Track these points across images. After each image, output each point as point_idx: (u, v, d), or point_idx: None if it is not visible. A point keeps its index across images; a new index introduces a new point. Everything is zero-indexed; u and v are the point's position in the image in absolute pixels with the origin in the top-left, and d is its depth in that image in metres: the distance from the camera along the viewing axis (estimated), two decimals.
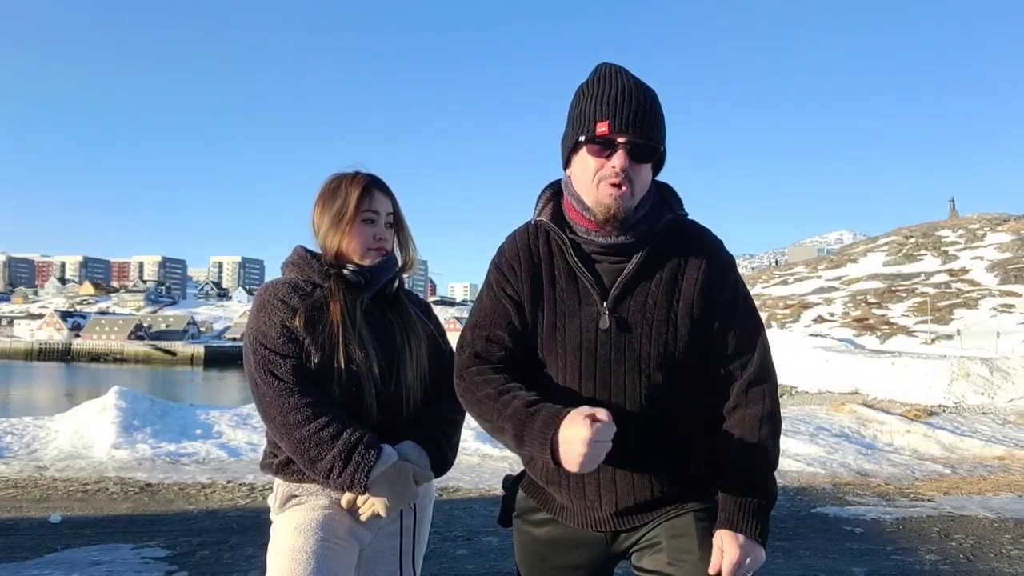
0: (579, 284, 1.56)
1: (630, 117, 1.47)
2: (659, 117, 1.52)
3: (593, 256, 1.57)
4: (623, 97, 1.48)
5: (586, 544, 1.64)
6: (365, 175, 1.88)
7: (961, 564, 4.54)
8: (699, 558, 1.52)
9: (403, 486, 1.73)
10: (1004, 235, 73.18)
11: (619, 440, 1.45)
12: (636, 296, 1.54)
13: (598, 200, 1.51)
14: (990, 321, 44.49)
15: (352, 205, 1.83)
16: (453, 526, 5.14)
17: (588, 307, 1.55)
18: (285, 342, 1.75)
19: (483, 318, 1.64)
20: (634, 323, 1.53)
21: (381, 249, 1.87)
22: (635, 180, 1.51)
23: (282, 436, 1.71)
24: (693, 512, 1.57)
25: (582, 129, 1.52)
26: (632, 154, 1.49)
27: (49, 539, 4.59)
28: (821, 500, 6.46)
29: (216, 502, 5.74)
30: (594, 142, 1.50)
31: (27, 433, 7.70)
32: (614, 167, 1.49)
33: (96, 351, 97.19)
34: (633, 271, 1.54)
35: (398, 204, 1.93)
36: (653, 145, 1.51)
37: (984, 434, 10.80)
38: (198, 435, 8.09)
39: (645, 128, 1.48)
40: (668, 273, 1.55)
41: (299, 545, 1.68)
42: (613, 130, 1.47)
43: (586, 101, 1.52)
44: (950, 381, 19.17)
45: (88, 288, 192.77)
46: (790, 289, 71.66)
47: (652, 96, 1.52)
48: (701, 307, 1.54)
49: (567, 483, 1.58)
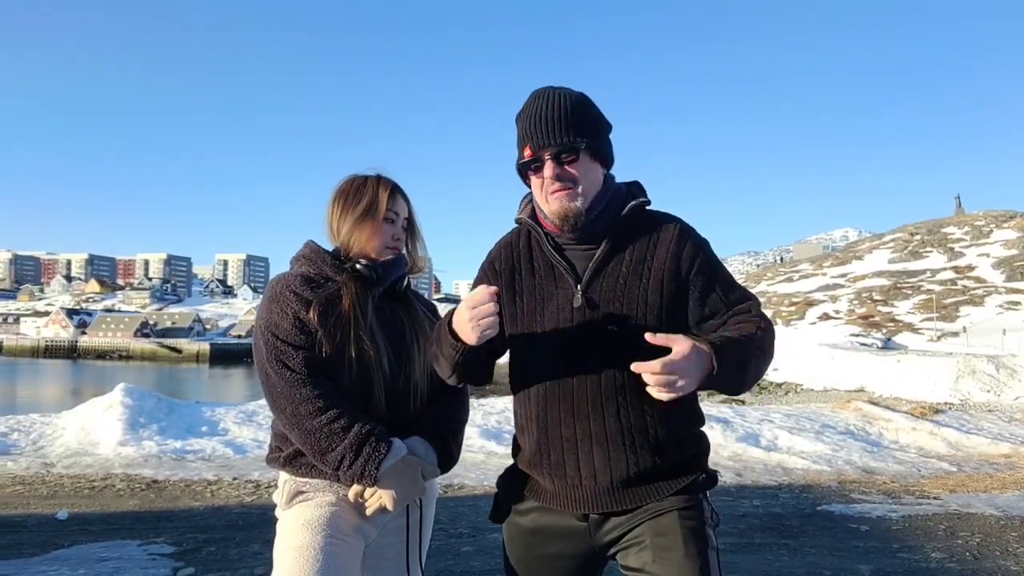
0: (555, 271, 1.69)
1: (545, 130, 1.62)
2: (581, 118, 1.64)
3: (565, 247, 1.70)
4: (537, 118, 1.63)
5: (569, 535, 1.67)
6: (390, 179, 1.94)
7: (967, 562, 4.53)
8: (683, 555, 1.55)
9: (411, 480, 1.75)
10: (1010, 232, 72.88)
11: (595, 415, 1.60)
12: (607, 276, 1.65)
13: (550, 208, 1.65)
14: (996, 318, 44.35)
15: (384, 203, 1.87)
16: (458, 523, 5.15)
17: (563, 290, 1.67)
18: (297, 333, 1.76)
19: None
20: (605, 301, 1.63)
21: (396, 248, 1.92)
22: (575, 180, 1.64)
23: (292, 427, 1.72)
24: (677, 511, 1.61)
25: (518, 158, 1.68)
26: (558, 160, 1.62)
27: (56, 535, 4.62)
28: (827, 498, 6.45)
29: (222, 499, 5.76)
30: (527, 166, 1.67)
31: (34, 430, 7.75)
32: (547, 177, 1.63)
33: (102, 348, 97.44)
34: (602, 254, 1.66)
35: (413, 209, 1.98)
36: (574, 144, 1.62)
37: (990, 431, 10.77)
38: (204, 432, 8.12)
39: (559, 134, 1.61)
40: (638, 254, 1.66)
41: (306, 541, 1.69)
42: (535, 149, 1.63)
43: (518, 131, 1.69)
44: (956, 378, 19.12)
45: (94, 286, 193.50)
46: (795, 286, 71.52)
47: (574, 102, 1.65)
48: (672, 280, 1.63)
49: (548, 462, 1.65)
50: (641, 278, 1.63)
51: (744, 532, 5.14)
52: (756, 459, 8.21)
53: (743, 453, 8.47)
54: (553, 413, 1.64)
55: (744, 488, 6.80)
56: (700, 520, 1.62)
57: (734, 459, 8.18)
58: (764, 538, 5.01)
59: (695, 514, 1.62)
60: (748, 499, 6.28)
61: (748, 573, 4.19)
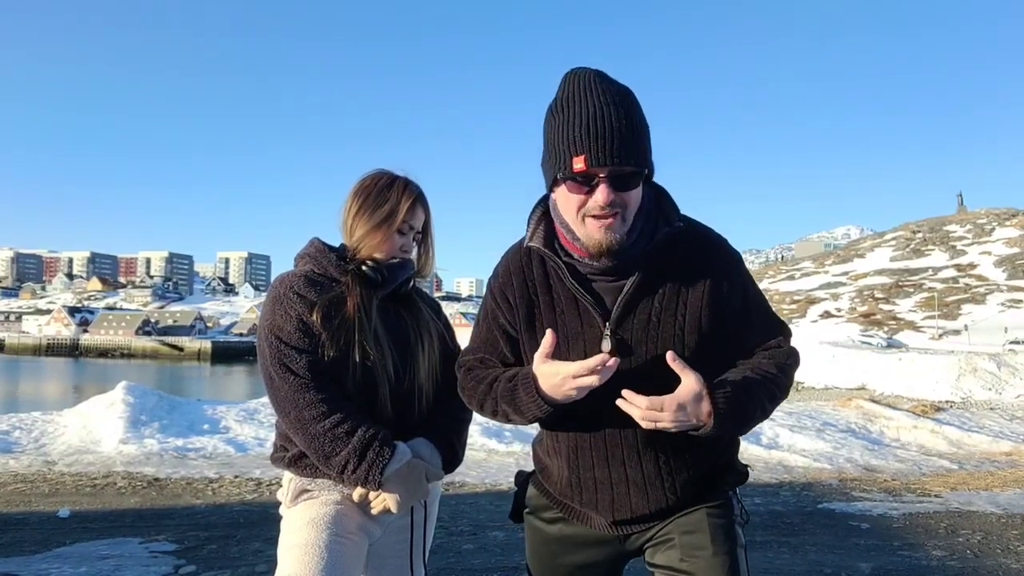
0: (579, 306, 1.51)
1: (607, 147, 1.36)
2: (639, 135, 1.40)
3: (590, 277, 1.51)
4: (596, 125, 1.36)
5: (598, 543, 1.63)
6: (415, 186, 1.89)
7: (968, 560, 4.53)
8: (712, 553, 1.51)
9: (415, 483, 1.74)
10: (1012, 230, 72.77)
11: (631, 462, 1.51)
12: (639, 315, 1.48)
13: (588, 235, 1.43)
14: (998, 316, 44.29)
15: (402, 215, 1.83)
16: (459, 521, 5.15)
17: (591, 329, 1.50)
18: (301, 336, 1.74)
19: (478, 344, 1.68)
20: (637, 342, 1.47)
21: (404, 257, 1.89)
22: (626, 207, 1.42)
23: (296, 431, 1.72)
24: (706, 509, 1.56)
25: (559, 165, 1.41)
26: (615, 185, 1.39)
27: (58, 533, 4.63)
28: (827, 496, 6.45)
29: (223, 497, 5.77)
30: (573, 179, 1.40)
31: (35, 428, 7.75)
32: (599, 202, 1.39)
33: (104, 346, 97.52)
34: (632, 289, 1.47)
35: (431, 217, 1.94)
36: (638, 171, 1.41)
37: (991, 430, 10.77)
38: (205, 430, 8.12)
39: (625, 155, 1.37)
40: (670, 288, 1.49)
41: (311, 539, 1.69)
42: (591, 164, 1.36)
43: (558, 129, 1.41)
44: (957, 376, 19.12)
45: (95, 284, 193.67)
46: (796, 284, 71.45)
47: (628, 110, 1.40)
48: (710, 319, 1.49)
49: (580, 498, 1.58)
50: (676, 315, 1.48)
51: (745, 530, 5.14)
52: (757, 457, 8.20)
53: (744, 451, 8.35)
54: (585, 457, 1.55)
55: (745, 486, 6.76)
56: (729, 518, 1.58)
57: None
58: (765, 536, 5.01)
59: (725, 512, 1.58)
60: (749, 497, 6.28)
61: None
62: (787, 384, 1.52)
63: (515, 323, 1.57)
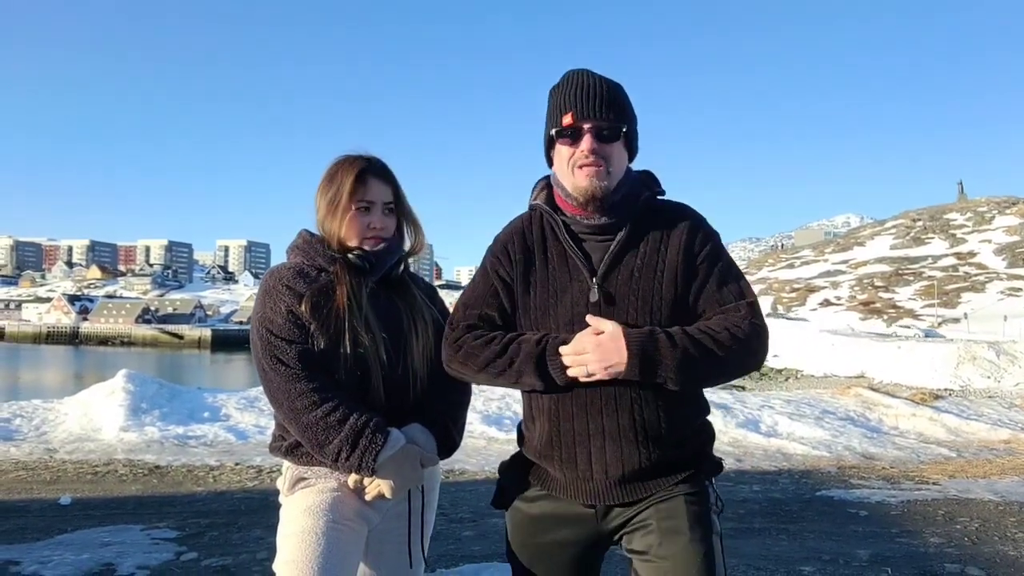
0: (570, 262, 1.67)
1: (591, 104, 1.63)
2: (621, 102, 1.67)
3: (582, 236, 1.69)
4: (583, 90, 1.64)
5: (576, 520, 1.68)
6: (361, 160, 1.85)
7: (966, 547, 4.55)
8: (689, 539, 1.58)
9: (410, 469, 1.75)
10: (1012, 218, 72.65)
11: (608, 411, 1.60)
12: (622, 270, 1.65)
13: (576, 184, 1.64)
14: (997, 305, 44.32)
15: (345, 194, 1.81)
16: (459, 508, 5.17)
17: (578, 283, 1.66)
18: (291, 328, 1.75)
19: (475, 299, 1.75)
20: (621, 295, 1.63)
21: (377, 238, 1.85)
22: (608, 160, 1.64)
23: (290, 421, 1.73)
24: (684, 495, 1.63)
25: (552, 124, 1.68)
26: (598, 136, 1.63)
27: (59, 520, 4.65)
28: (826, 483, 6.48)
29: (224, 484, 5.79)
30: (563, 134, 1.65)
31: (36, 416, 7.77)
32: (583, 150, 1.63)
33: (104, 335, 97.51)
34: (618, 247, 1.65)
35: (400, 189, 1.90)
36: (616, 126, 1.64)
37: (990, 417, 10.79)
38: (206, 418, 8.15)
39: (606, 112, 1.63)
40: (651, 246, 1.66)
41: (309, 526, 1.70)
42: (577, 118, 1.63)
43: (554, 100, 1.69)
44: (956, 365, 19.17)
45: (95, 272, 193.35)
46: (796, 273, 71.41)
47: (614, 86, 1.68)
48: (684, 272, 1.64)
49: (559, 455, 1.65)
50: (655, 271, 1.64)
51: (744, 517, 5.17)
52: (756, 445, 8.23)
53: (743, 439, 8.49)
54: (565, 407, 1.63)
55: (744, 474, 6.83)
56: (705, 506, 1.65)
57: (734, 445, 8.20)
58: (763, 523, 5.03)
59: (701, 500, 1.64)
60: (748, 484, 6.31)
61: (747, 557, 4.21)
62: (732, 346, 1.57)
63: (512, 274, 1.71)
